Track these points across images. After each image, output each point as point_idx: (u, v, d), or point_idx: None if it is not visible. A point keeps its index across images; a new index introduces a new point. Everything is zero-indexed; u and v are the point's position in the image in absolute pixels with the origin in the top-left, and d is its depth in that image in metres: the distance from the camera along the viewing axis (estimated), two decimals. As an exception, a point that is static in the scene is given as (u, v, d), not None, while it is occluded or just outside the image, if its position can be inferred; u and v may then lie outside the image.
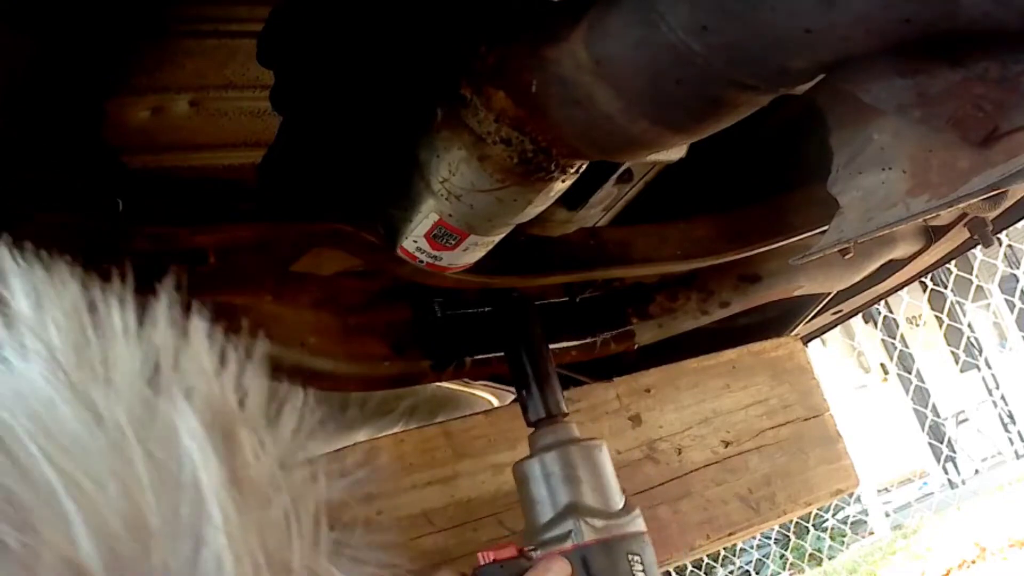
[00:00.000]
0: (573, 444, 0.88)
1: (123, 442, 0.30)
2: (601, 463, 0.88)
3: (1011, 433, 7.06)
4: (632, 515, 0.84)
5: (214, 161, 0.82)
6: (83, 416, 0.30)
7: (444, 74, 0.72)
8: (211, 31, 0.72)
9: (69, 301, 0.34)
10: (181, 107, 0.76)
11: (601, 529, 0.81)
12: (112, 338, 0.34)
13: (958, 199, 0.59)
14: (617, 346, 1.21)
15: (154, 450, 0.30)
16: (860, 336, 6.19)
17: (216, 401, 0.33)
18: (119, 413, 0.31)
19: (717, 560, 5.83)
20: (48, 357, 0.32)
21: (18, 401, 0.30)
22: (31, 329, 0.32)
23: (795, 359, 1.44)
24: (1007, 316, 6.45)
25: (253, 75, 0.75)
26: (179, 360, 0.34)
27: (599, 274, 1.07)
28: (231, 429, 0.32)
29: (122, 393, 0.32)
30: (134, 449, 0.30)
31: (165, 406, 0.32)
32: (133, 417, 0.31)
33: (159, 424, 0.31)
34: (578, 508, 0.82)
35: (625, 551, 0.80)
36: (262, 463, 0.32)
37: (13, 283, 0.34)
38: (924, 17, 0.49)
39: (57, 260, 0.36)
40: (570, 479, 0.85)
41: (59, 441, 0.29)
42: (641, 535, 0.83)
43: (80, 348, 0.33)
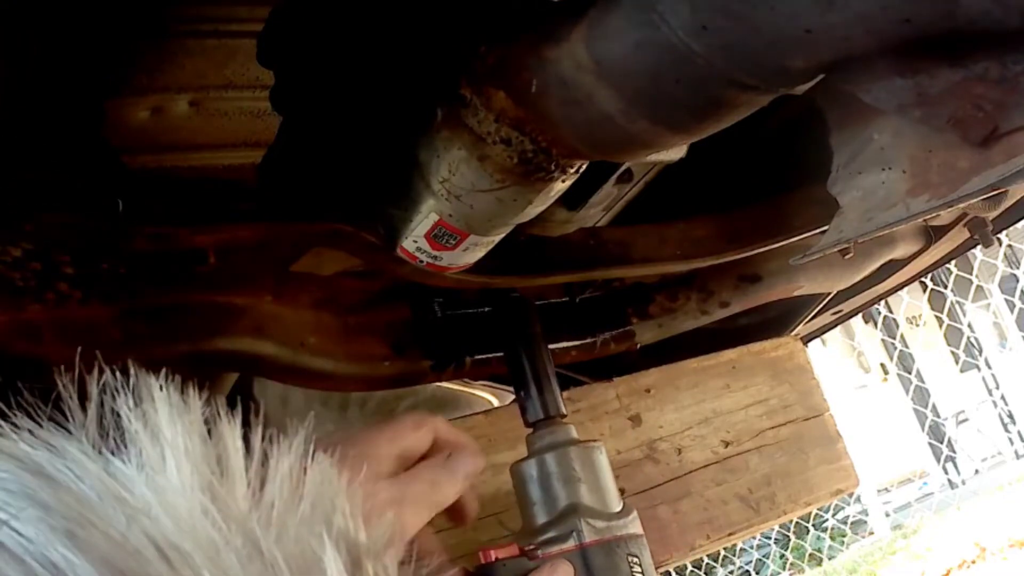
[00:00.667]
0: (572, 445, 0.88)
1: (277, 570, 0.32)
2: (600, 464, 0.88)
3: (1011, 433, 7.06)
4: (631, 517, 0.84)
5: (214, 161, 0.82)
6: (244, 544, 0.32)
7: (444, 74, 0.72)
8: (211, 31, 0.72)
9: (199, 427, 0.36)
10: (181, 107, 0.76)
11: (602, 530, 0.81)
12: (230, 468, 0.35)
13: (958, 199, 0.59)
14: (617, 346, 1.21)
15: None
16: (860, 336, 6.20)
17: (350, 535, 0.35)
18: (276, 550, 0.33)
19: (717, 560, 5.83)
20: (203, 484, 0.34)
21: (188, 527, 0.32)
22: (177, 448, 0.34)
23: (795, 359, 1.44)
24: (1007, 316, 6.45)
25: (253, 75, 0.75)
26: (314, 491, 0.36)
27: (599, 274, 1.07)
28: (360, 560, 0.35)
29: (281, 530, 0.34)
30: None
31: (311, 538, 0.34)
32: (284, 547, 0.33)
33: (305, 554, 0.33)
34: (579, 509, 0.82)
35: (625, 552, 0.80)
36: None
37: (160, 410, 0.36)
38: (924, 17, 0.49)
39: (188, 388, 0.38)
40: (569, 480, 0.85)
41: (223, 568, 0.31)
42: (640, 537, 0.83)
43: (222, 474, 0.35)
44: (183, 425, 0.36)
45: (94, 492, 0.32)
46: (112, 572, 0.29)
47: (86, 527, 0.30)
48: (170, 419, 0.36)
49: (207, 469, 0.34)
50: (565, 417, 0.92)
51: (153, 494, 0.32)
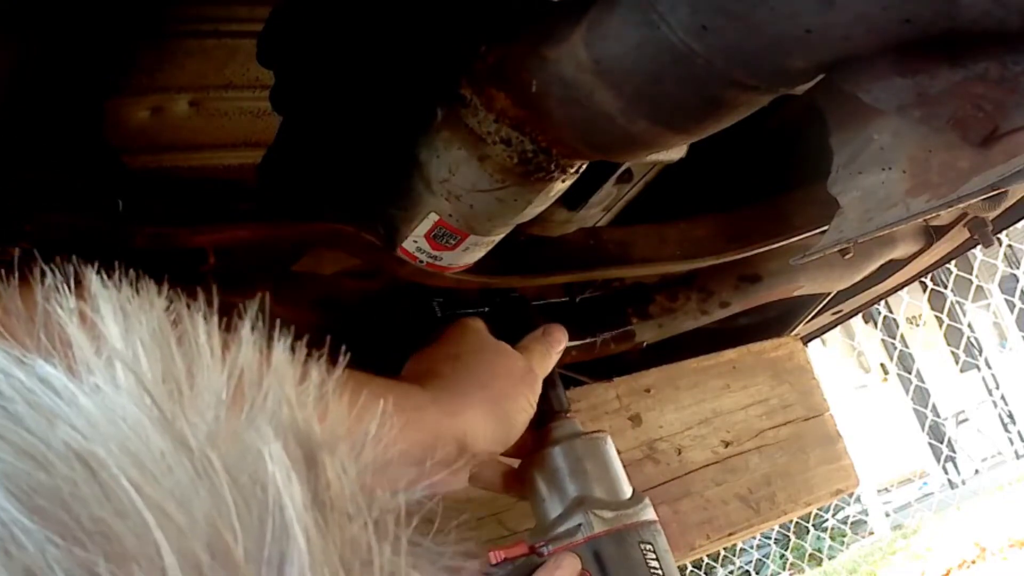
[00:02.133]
0: (578, 438, 0.88)
1: (210, 470, 0.30)
2: (607, 455, 0.88)
3: (1011, 433, 7.06)
4: (642, 504, 0.84)
5: (214, 161, 0.82)
6: (171, 445, 0.30)
7: (444, 74, 0.72)
8: (211, 31, 0.72)
9: (156, 323, 0.34)
10: (181, 107, 0.76)
11: (611, 520, 0.81)
12: (198, 362, 0.34)
13: (958, 199, 0.59)
14: (617, 346, 1.21)
15: (239, 477, 0.30)
16: (860, 336, 6.20)
17: (299, 426, 0.33)
18: (205, 441, 0.31)
19: (717, 560, 5.83)
20: (137, 384, 0.31)
21: (111, 431, 0.30)
22: (120, 355, 0.32)
23: (795, 359, 1.44)
24: (1007, 316, 6.46)
25: (253, 75, 0.75)
26: (262, 384, 0.34)
27: (599, 274, 1.07)
28: (313, 453, 0.32)
29: (208, 420, 0.32)
30: (221, 477, 0.30)
31: (250, 432, 0.32)
32: (219, 445, 0.31)
33: (244, 451, 0.31)
34: (586, 501, 0.82)
35: (637, 540, 0.80)
36: (343, 484, 0.32)
37: (102, 307, 0.34)
38: (924, 17, 0.49)
39: (144, 279, 0.36)
40: (577, 473, 0.85)
41: (149, 471, 0.29)
42: (652, 523, 0.83)
43: (167, 374, 0.33)
44: (133, 325, 0.34)
45: (18, 397, 0.30)
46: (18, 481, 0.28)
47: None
48: (115, 319, 0.34)
49: (155, 372, 0.32)
50: (569, 412, 0.92)
51: (82, 401, 0.31)
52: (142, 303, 0.35)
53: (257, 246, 0.83)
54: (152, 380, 0.32)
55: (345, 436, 0.35)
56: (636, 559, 0.79)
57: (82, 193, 0.71)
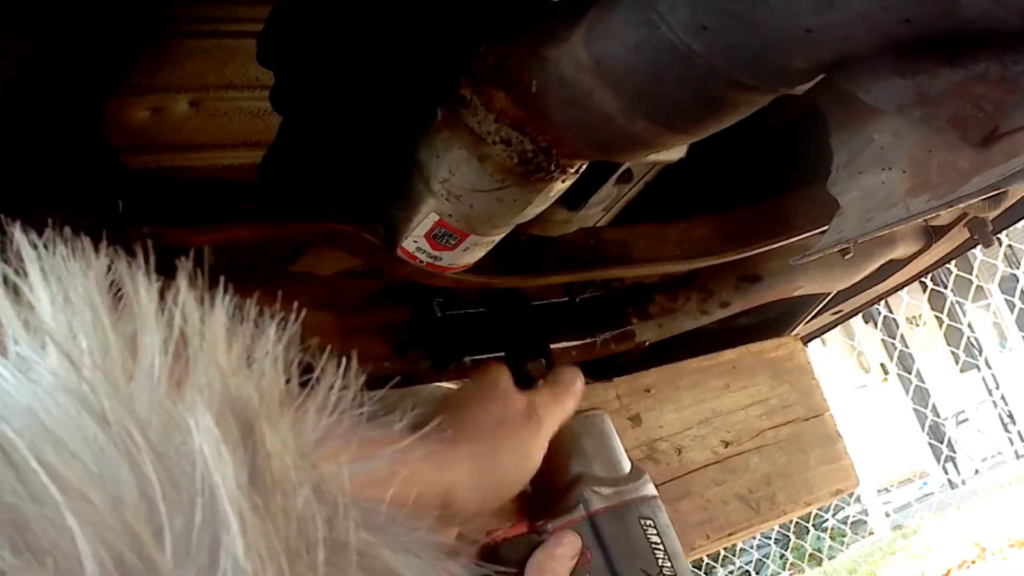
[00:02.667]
0: (575, 416, 0.86)
1: (131, 445, 0.27)
2: (605, 431, 0.87)
3: (1011, 433, 7.06)
4: (641, 480, 0.83)
5: (214, 161, 0.82)
6: (90, 421, 0.27)
7: (444, 74, 0.72)
8: (211, 31, 0.72)
9: (92, 288, 0.31)
10: (181, 107, 0.76)
11: (610, 496, 0.80)
12: (131, 328, 0.31)
13: (958, 199, 0.59)
14: (617, 346, 1.21)
15: (166, 452, 0.27)
16: (860, 336, 6.20)
17: (232, 394, 0.29)
18: (126, 414, 0.28)
19: (717, 560, 5.83)
20: (63, 355, 0.29)
21: (32, 410, 0.27)
22: (48, 327, 0.29)
23: (795, 359, 1.44)
24: (1007, 316, 6.46)
25: (253, 75, 0.75)
26: (196, 350, 0.30)
27: (599, 274, 1.07)
28: (249, 424, 0.29)
29: (136, 392, 0.29)
30: (143, 453, 0.27)
31: (178, 403, 0.29)
32: (143, 418, 0.28)
33: (172, 424, 0.28)
34: (584, 478, 0.82)
35: (637, 516, 0.80)
36: (283, 457, 0.29)
37: (31, 270, 0.31)
38: (924, 17, 0.49)
39: (80, 239, 0.33)
40: (574, 450, 0.84)
41: (70, 452, 0.27)
42: (652, 499, 0.82)
43: (100, 343, 0.30)
44: (65, 293, 0.30)
45: None
46: None
47: None
48: (45, 284, 0.30)
49: (89, 343, 0.29)
50: None
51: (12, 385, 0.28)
52: (76, 266, 0.32)
53: (257, 246, 0.83)
54: (85, 354, 0.29)
55: (287, 404, 0.31)
56: (636, 535, 0.78)
57: (82, 193, 0.71)
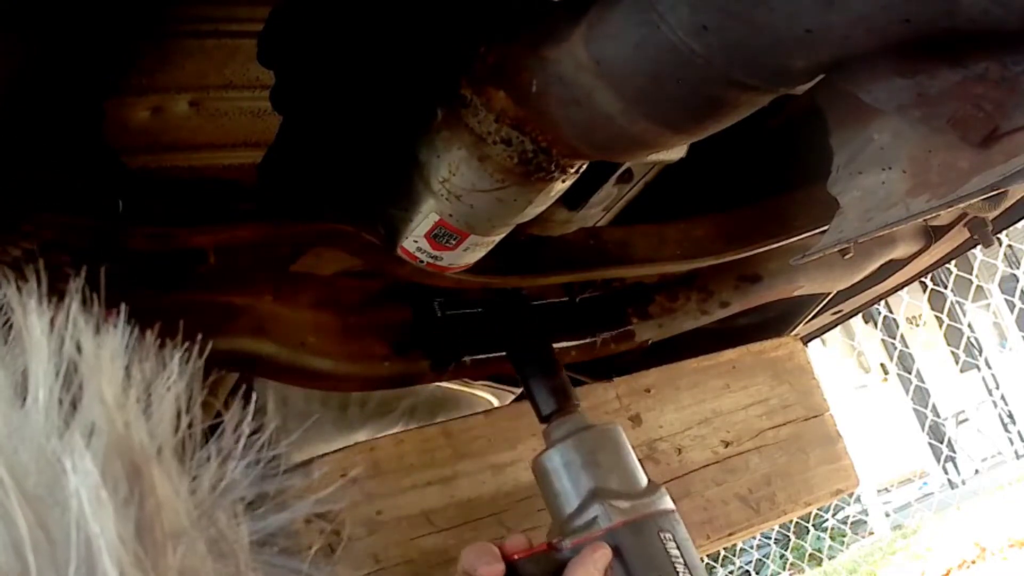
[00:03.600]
0: (588, 430, 0.86)
1: (2, 494, 0.24)
2: (620, 445, 0.87)
3: (1011, 433, 7.06)
4: (658, 494, 0.83)
5: (214, 161, 0.82)
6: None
7: (444, 74, 0.72)
8: (211, 31, 0.72)
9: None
10: (181, 107, 0.76)
11: (628, 510, 0.80)
12: (17, 350, 0.28)
13: (958, 199, 0.59)
14: (617, 346, 1.21)
15: (40, 498, 0.25)
16: (860, 336, 6.19)
17: (121, 435, 0.26)
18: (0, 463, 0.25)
19: (717, 560, 5.83)
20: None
21: None
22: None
23: (795, 359, 1.44)
24: (1007, 316, 6.45)
25: (253, 75, 0.75)
26: (86, 382, 0.27)
27: (599, 274, 1.07)
28: (138, 469, 0.26)
29: (12, 428, 0.26)
30: (13, 498, 0.24)
31: (58, 443, 0.26)
32: (16, 462, 0.25)
33: (48, 466, 0.25)
34: (602, 492, 0.81)
35: (656, 529, 0.79)
36: (175, 506, 0.27)
37: None
38: (924, 17, 0.49)
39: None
40: (590, 465, 0.83)
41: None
42: (670, 513, 0.82)
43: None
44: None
45: None
46: None
47: None
48: None
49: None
50: (578, 405, 0.91)
51: None
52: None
53: (257, 246, 0.83)
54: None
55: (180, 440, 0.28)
56: (656, 548, 0.78)
57: (82, 193, 0.71)
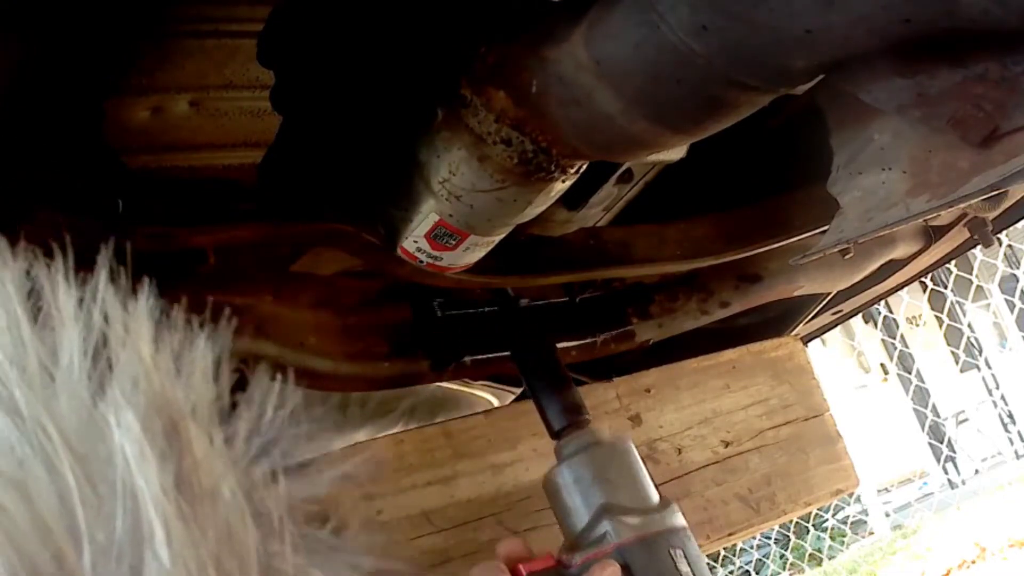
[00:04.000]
0: (598, 446, 0.86)
1: (48, 445, 0.25)
2: (631, 461, 0.86)
3: (1011, 433, 7.06)
4: (670, 510, 0.82)
5: (214, 161, 0.82)
6: (7, 422, 0.26)
7: (444, 74, 0.72)
8: (211, 31, 0.72)
9: (8, 289, 0.30)
10: (181, 107, 0.76)
11: (638, 526, 0.79)
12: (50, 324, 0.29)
13: (958, 199, 0.59)
14: (617, 346, 1.21)
15: (85, 453, 0.26)
16: (860, 336, 6.19)
17: (156, 391, 0.28)
18: (43, 412, 0.26)
19: (717, 560, 5.83)
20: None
21: None
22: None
23: (795, 359, 1.44)
24: (1007, 316, 6.45)
25: (253, 75, 0.75)
26: (119, 346, 0.29)
27: (599, 274, 1.07)
28: (175, 425, 0.27)
29: (54, 389, 0.27)
30: (60, 452, 0.25)
31: (100, 402, 0.27)
32: (61, 416, 0.26)
33: (91, 423, 0.26)
34: (612, 508, 0.80)
35: (666, 546, 0.78)
36: (212, 462, 0.28)
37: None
38: (924, 17, 0.49)
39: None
40: (601, 481, 0.83)
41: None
42: (682, 529, 0.81)
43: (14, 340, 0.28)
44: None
45: None
46: None
47: None
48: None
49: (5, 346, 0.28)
50: (588, 419, 0.90)
51: None
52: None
53: (257, 246, 0.83)
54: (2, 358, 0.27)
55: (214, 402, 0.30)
56: (666, 565, 0.77)
57: (82, 193, 0.71)
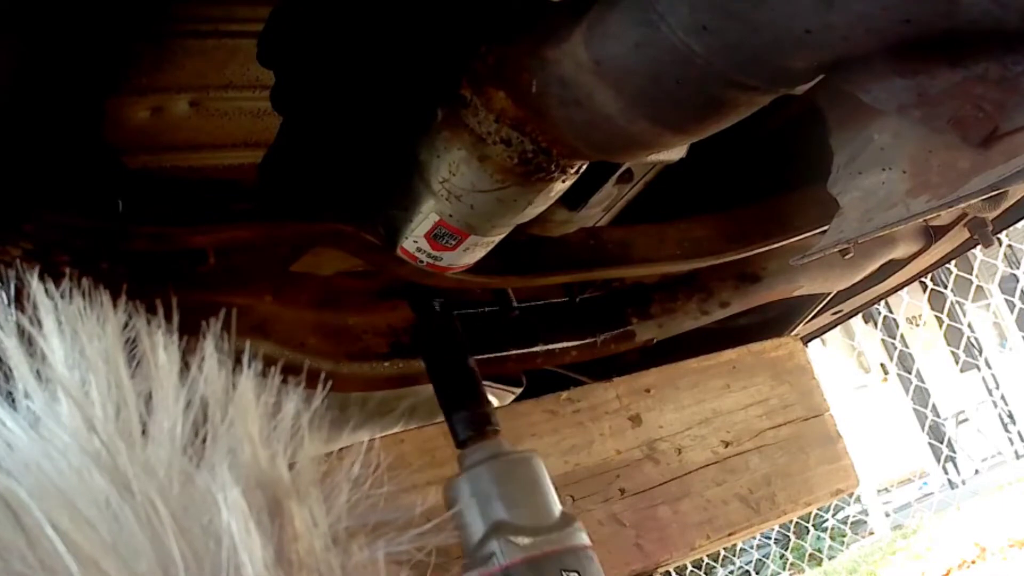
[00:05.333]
0: (500, 458, 0.83)
1: (154, 517, 0.26)
2: (532, 476, 0.83)
3: (1011, 433, 7.06)
4: (569, 529, 0.79)
5: (214, 161, 0.82)
6: (110, 487, 0.26)
7: (444, 74, 0.72)
8: (211, 31, 0.72)
9: (109, 343, 0.29)
10: (181, 107, 0.76)
11: (528, 546, 0.76)
12: (154, 386, 0.29)
13: (958, 199, 0.59)
14: (617, 346, 1.21)
15: (190, 527, 0.26)
16: (860, 336, 6.19)
17: (262, 467, 0.28)
18: (150, 482, 0.26)
19: (717, 560, 5.83)
20: (81, 415, 0.27)
21: (43, 469, 0.26)
22: (63, 381, 0.28)
23: (795, 359, 1.44)
24: (1007, 316, 6.45)
25: (253, 75, 0.75)
26: (223, 418, 0.29)
27: (599, 274, 1.07)
28: (278, 500, 0.28)
29: (158, 458, 0.27)
30: (166, 525, 0.26)
31: (204, 475, 0.27)
32: (167, 487, 0.27)
33: (196, 495, 0.27)
34: (503, 527, 0.78)
35: (558, 568, 0.76)
36: (313, 538, 0.28)
37: (45, 320, 0.29)
38: (924, 17, 0.49)
39: (99, 292, 0.31)
40: (497, 496, 0.80)
41: (84, 518, 0.25)
42: (580, 549, 0.78)
43: (117, 403, 0.28)
44: (81, 344, 0.29)
45: None
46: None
47: None
48: (60, 336, 0.29)
49: (104, 402, 0.28)
50: (497, 431, 0.88)
51: (12, 430, 0.27)
52: (94, 319, 0.30)
53: (257, 246, 0.83)
54: (100, 412, 0.28)
55: (318, 480, 0.30)
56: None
57: (82, 193, 0.71)
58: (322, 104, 0.78)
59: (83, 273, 0.36)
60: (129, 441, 0.27)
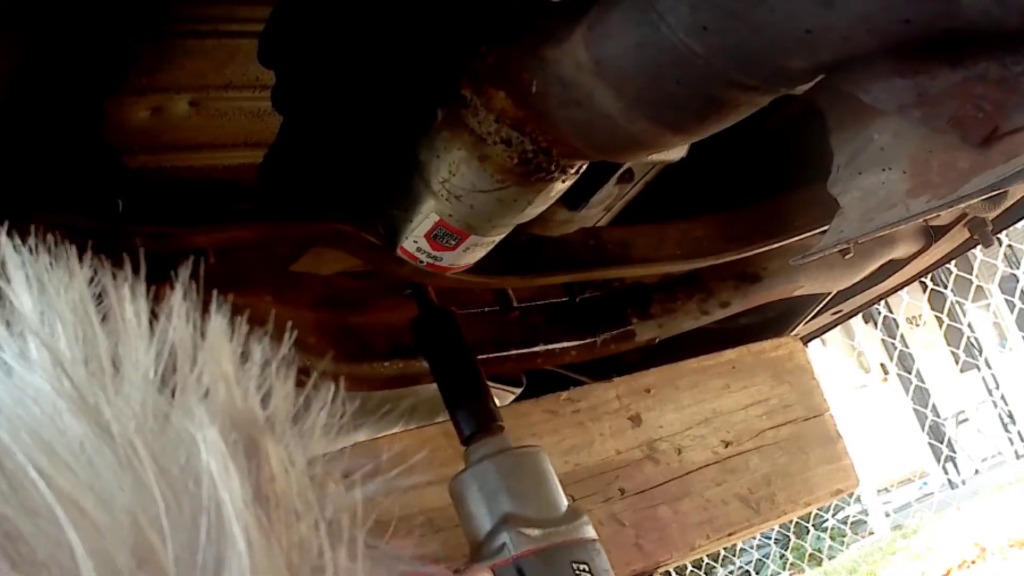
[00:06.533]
0: (506, 453, 0.84)
1: (134, 458, 0.26)
2: (539, 470, 0.84)
3: (1011, 433, 7.06)
4: (577, 522, 0.80)
5: (214, 161, 0.82)
6: (89, 430, 0.26)
7: (444, 74, 0.72)
8: (211, 31, 0.72)
9: (76, 294, 0.30)
10: (181, 107, 0.76)
11: (538, 538, 0.77)
12: (122, 336, 0.29)
13: (958, 199, 0.59)
14: (617, 346, 1.21)
15: (169, 467, 0.26)
16: (860, 336, 6.19)
17: (238, 407, 0.28)
18: (129, 424, 0.26)
19: (717, 560, 5.83)
20: (52, 361, 0.28)
21: (19, 415, 0.26)
22: (33, 328, 0.28)
23: (795, 359, 1.44)
24: (1007, 316, 6.45)
25: (253, 75, 0.75)
26: (196, 361, 0.29)
27: (599, 274, 1.07)
28: (254, 439, 0.28)
29: (133, 401, 0.28)
30: (146, 466, 0.26)
31: (180, 415, 0.27)
32: (145, 428, 0.27)
33: (174, 436, 0.27)
34: (513, 518, 0.78)
35: (568, 559, 0.76)
36: (290, 475, 0.28)
37: (14, 275, 0.30)
38: (924, 17, 0.49)
39: (65, 246, 0.32)
40: (505, 489, 0.81)
41: (62, 460, 0.25)
42: (588, 542, 0.79)
43: (88, 349, 0.29)
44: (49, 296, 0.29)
45: None
46: None
47: None
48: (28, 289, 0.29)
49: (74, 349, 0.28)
50: (501, 427, 0.89)
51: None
52: (61, 272, 0.30)
53: (257, 246, 0.83)
54: (71, 358, 0.28)
55: (291, 421, 0.30)
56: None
57: (82, 193, 0.71)
58: (322, 104, 0.78)
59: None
60: (102, 383, 0.28)
